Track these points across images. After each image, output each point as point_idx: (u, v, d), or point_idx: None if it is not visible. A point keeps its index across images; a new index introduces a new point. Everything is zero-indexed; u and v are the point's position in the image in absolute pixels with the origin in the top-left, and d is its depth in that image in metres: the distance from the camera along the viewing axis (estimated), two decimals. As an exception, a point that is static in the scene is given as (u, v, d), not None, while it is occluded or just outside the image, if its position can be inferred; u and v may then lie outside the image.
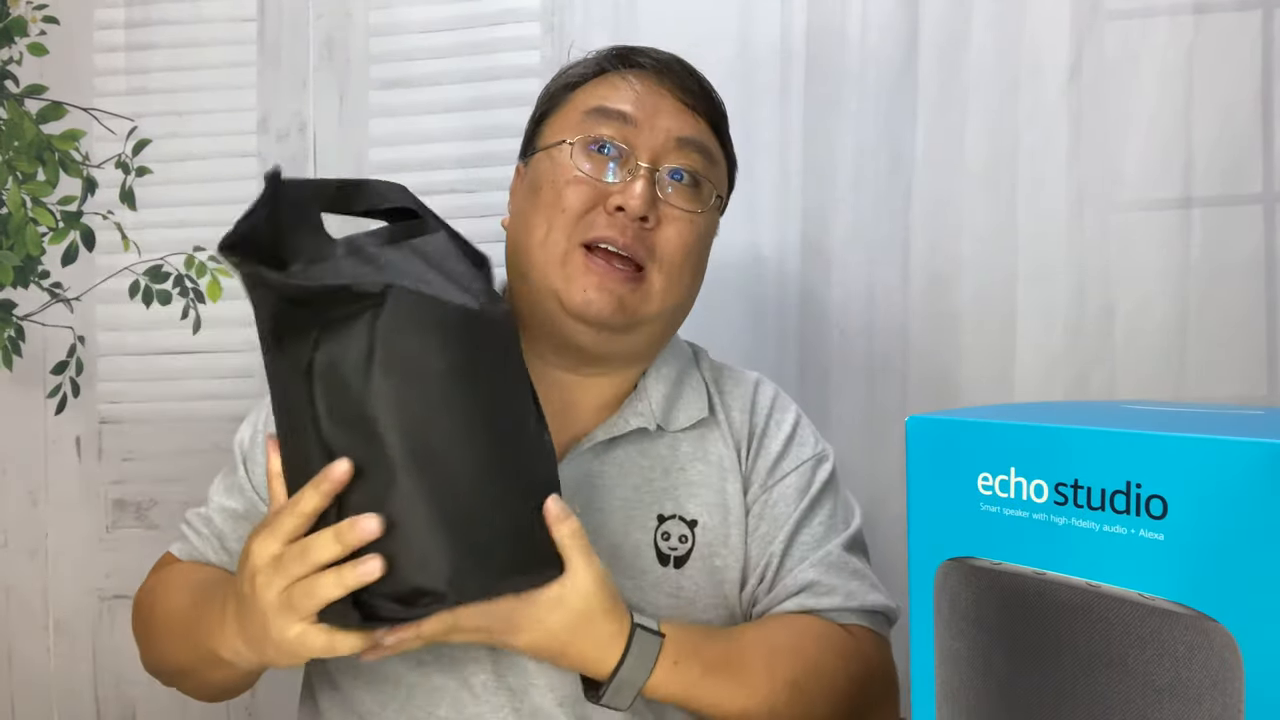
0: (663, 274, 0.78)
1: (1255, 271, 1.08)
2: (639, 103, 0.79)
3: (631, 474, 0.80)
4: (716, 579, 0.79)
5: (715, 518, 0.80)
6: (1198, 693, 0.41)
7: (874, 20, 1.15)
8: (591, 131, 0.78)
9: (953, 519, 0.49)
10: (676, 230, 0.78)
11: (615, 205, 0.76)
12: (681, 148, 0.79)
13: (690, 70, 0.83)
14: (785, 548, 0.79)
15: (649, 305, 0.78)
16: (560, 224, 0.77)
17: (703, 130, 0.81)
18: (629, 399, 0.82)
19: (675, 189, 0.79)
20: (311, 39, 1.26)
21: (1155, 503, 0.42)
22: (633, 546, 0.78)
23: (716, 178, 0.82)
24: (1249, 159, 1.08)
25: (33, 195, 1.29)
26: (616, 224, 0.76)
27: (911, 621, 0.51)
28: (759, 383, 0.87)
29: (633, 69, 0.81)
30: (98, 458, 1.28)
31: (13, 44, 1.29)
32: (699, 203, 0.80)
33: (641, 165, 0.77)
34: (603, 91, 0.80)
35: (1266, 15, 1.08)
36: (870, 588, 0.80)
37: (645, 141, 0.78)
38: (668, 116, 0.79)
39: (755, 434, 0.83)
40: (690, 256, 0.80)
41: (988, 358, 1.13)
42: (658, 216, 0.78)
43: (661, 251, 0.78)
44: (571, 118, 0.80)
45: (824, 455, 0.85)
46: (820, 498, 0.82)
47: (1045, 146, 1.12)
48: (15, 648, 1.31)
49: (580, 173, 0.77)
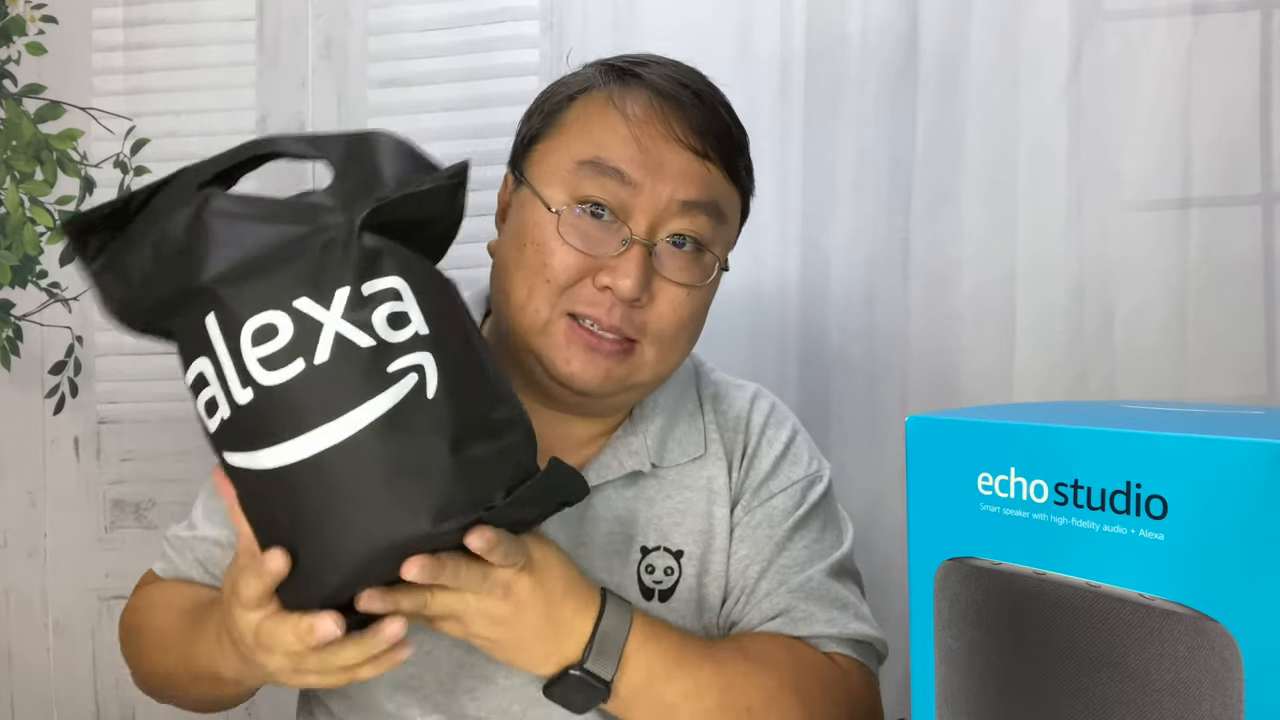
0: (655, 347, 0.72)
1: (1254, 271, 1.08)
2: (640, 155, 0.69)
3: (616, 505, 0.76)
4: (702, 611, 0.76)
5: (700, 545, 0.76)
6: (1197, 692, 0.41)
7: (874, 20, 1.15)
8: (581, 191, 0.70)
9: (953, 519, 0.49)
10: (671, 305, 0.71)
11: (603, 285, 0.69)
12: (686, 211, 0.71)
13: (700, 93, 0.73)
14: (763, 570, 0.75)
15: (640, 374, 0.72)
16: (543, 293, 0.70)
17: (713, 182, 0.72)
18: (621, 434, 0.77)
19: (673, 258, 0.71)
20: (310, 38, 1.26)
21: (1155, 503, 0.42)
22: (616, 584, 0.74)
23: (724, 238, 0.74)
24: (1248, 159, 1.08)
25: (31, 195, 1.29)
26: (603, 303, 0.69)
27: (911, 621, 0.51)
28: (756, 397, 0.82)
29: (632, 94, 0.72)
30: (96, 458, 1.28)
31: (11, 43, 1.29)
32: (700, 273, 0.72)
33: (636, 239, 0.69)
34: (600, 133, 0.71)
35: (1265, 16, 1.08)
36: (853, 617, 0.75)
37: (645, 205, 0.70)
38: (672, 175, 0.70)
39: (746, 452, 0.79)
40: (686, 328, 0.73)
41: (988, 358, 1.13)
42: (650, 294, 0.70)
43: (654, 328, 0.71)
44: (562, 162, 0.71)
45: (817, 476, 0.80)
46: (807, 520, 0.77)
47: (1045, 146, 1.12)
48: (14, 648, 1.30)
49: (567, 244, 0.70)
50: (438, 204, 0.63)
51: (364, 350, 0.56)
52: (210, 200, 0.59)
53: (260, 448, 0.57)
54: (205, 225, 0.58)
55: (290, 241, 0.57)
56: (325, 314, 0.56)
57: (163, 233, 0.59)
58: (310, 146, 0.65)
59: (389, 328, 0.57)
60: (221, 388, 0.57)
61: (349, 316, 0.56)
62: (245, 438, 0.57)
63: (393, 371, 0.56)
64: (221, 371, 0.57)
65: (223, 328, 0.57)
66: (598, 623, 0.65)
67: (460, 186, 0.64)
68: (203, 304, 0.57)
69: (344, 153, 0.62)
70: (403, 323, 0.58)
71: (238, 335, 0.56)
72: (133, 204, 0.62)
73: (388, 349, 0.57)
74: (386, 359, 0.56)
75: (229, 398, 0.57)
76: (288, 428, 0.56)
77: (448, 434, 0.57)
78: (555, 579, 0.64)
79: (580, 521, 0.75)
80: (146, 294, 0.60)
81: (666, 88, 0.72)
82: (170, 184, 0.63)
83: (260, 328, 0.56)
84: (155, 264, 0.59)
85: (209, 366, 0.58)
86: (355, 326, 0.56)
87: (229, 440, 0.58)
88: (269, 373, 0.56)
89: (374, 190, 0.60)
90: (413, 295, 0.59)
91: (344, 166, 0.62)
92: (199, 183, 0.62)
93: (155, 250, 0.59)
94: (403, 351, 0.57)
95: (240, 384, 0.56)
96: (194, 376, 0.59)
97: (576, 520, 0.75)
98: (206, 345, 0.57)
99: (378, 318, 0.57)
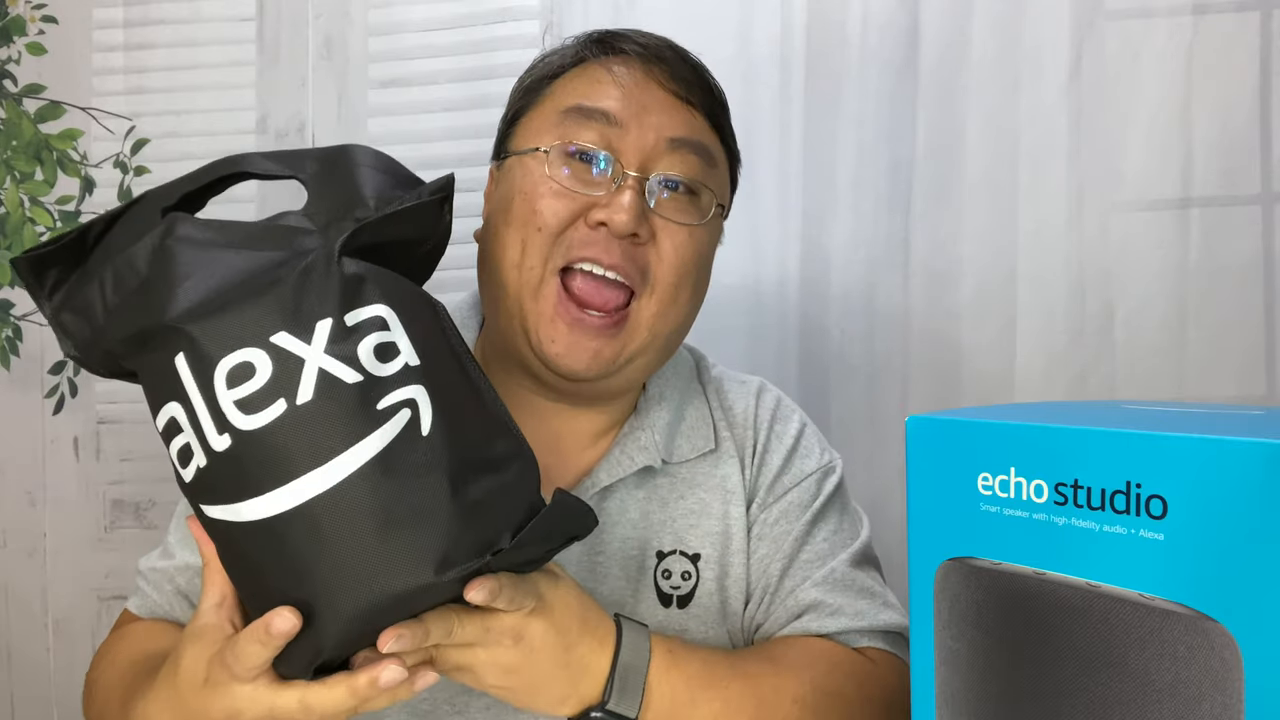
0: (654, 298, 0.69)
1: (1254, 271, 1.08)
2: (624, 99, 0.69)
3: (629, 508, 0.74)
4: (725, 614, 0.74)
5: (718, 548, 0.74)
6: (1197, 692, 0.41)
7: (874, 20, 1.15)
8: (569, 135, 0.68)
9: (953, 519, 0.49)
10: (673, 245, 0.69)
11: (598, 220, 0.67)
12: (675, 149, 0.69)
13: (683, 55, 0.73)
14: (785, 567, 0.73)
15: (635, 341, 0.70)
16: (536, 244, 0.67)
17: (699, 127, 0.71)
18: (628, 429, 0.75)
19: (669, 198, 0.69)
20: (310, 38, 1.26)
21: (1155, 503, 0.42)
22: (633, 592, 0.72)
23: (717, 182, 0.73)
24: (1248, 159, 1.08)
25: (30, 195, 1.29)
26: (600, 241, 0.67)
27: (912, 621, 0.51)
28: (761, 391, 0.81)
29: (616, 56, 0.71)
30: (96, 458, 1.28)
31: (11, 43, 1.29)
32: (697, 213, 0.70)
33: (629, 173, 0.67)
34: (582, 86, 0.70)
35: (1265, 16, 1.08)
36: (881, 606, 0.73)
37: (633, 144, 0.68)
38: (658, 114, 0.69)
39: (757, 448, 0.77)
40: (689, 275, 0.70)
41: (988, 358, 1.13)
42: (650, 230, 0.68)
43: (655, 271, 0.69)
44: (547, 118, 0.71)
45: (830, 467, 0.79)
46: (824, 512, 0.76)
47: (1045, 146, 1.12)
48: (14, 648, 1.30)
49: (557, 183, 0.67)
50: (422, 222, 0.59)
51: (350, 387, 0.51)
52: (175, 227, 0.55)
53: (242, 499, 0.52)
54: (170, 255, 0.53)
55: (264, 270, 0.53)
56: (306, 349, 0.51)
57: (125, 264, 0.54)
58: (282, 165, 0.60)
59: (376, 360, 0.53)
60: (196, 434, 0.52)
61: (332, 350, 0.52)
62: (225, 489, 0.52)
63: (383, 408, 0.52)
64: (195, 417, 0.52)
65: (194, 368, 0.52)
66: (616, 656, 0.62)
67: (445, 202, 0.60)
68: (171, 342, 0.52)
69: (318, 170, 0.58)
70: (391, 354, 0.53)
71: (211, 376, 0.51)
72: (91, 234, 0.57)
73: (376, 384, 0.52)
74: (375, 395, 0.52)
75: (205, 445, 0.52)
76: (271, 476, 0.51)
77: (446, 473, 0.53)
78: (570, 616, 0.60)
79: (596, 529, 0.72)
80: (109, 332, 0.55)
81: (647, 49, 0.72)
82: (131, 210, 0.58)
83: (236, 367, 0.51)
84: (118, 298, 0.54)
85: (181, 411, 0.53)
86: (340, 361, 0.52)
87: (207, 492, 0.54)
88: (247, 416, 0.51)
89: (353, 209, 0.56)
90: (400, 323, 0.54)
91: (319, 185, 0.58)
92: (163, 208, 0.57)
93: (117, 283, 0.54)
94: (393, 386, 0.53)
95: (216, 430, 0.51)
96: (165, 422, 0.54)
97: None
98: (177, 388, 0.52)
99: (364, 350, 0.52)
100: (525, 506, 0.56)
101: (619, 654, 0.62)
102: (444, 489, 0.52)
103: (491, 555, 0.53)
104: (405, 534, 0.51)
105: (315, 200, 0.57)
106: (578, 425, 0.75)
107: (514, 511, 0.55)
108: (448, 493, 0.52)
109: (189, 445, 0.53)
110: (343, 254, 0.54)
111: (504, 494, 0.55)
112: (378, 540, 0.51)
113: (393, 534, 0.51)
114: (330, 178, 0.58)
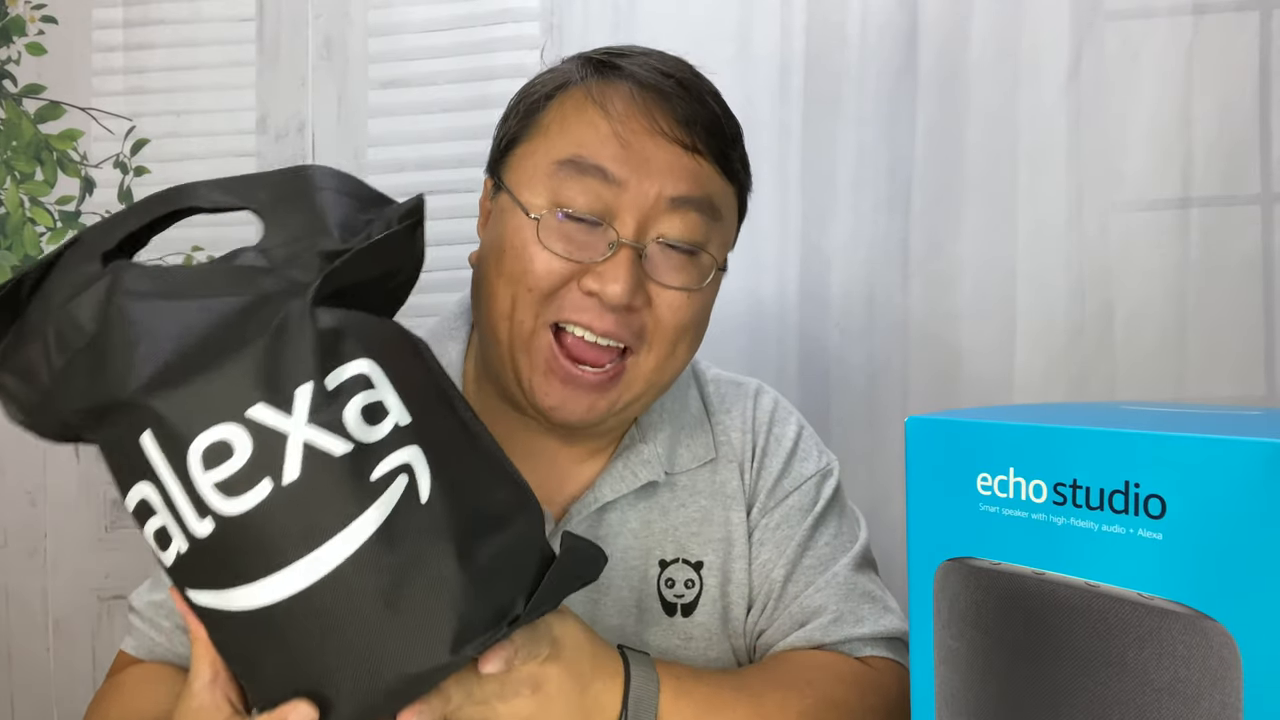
0: (652, 355, 0.67)
1: (1253, 271, 1.08)
2: (623, 151, 0.64)
3: (630, 519, 0.73)
4: (728, 620, 0.74)
5: (720, 554, 0.74)
6: (1196, 691, 0.41)
7: (874, 21, 1.15)
8: (562, 196, 0.65)
9: (952, 519, 0.49)
10: (670, 310, 0.66)
11: (589, 290, 0.64)
12: (677, 209, 0.65)
13: (685, 81, 0.68)
14: (788, 573, 0.73)
15: (631, 390, 0.68)
16: (526, 301, 0.65)
17: (705, 177, 0.66)
18: (629, 442, 0.74)
19: (667, 260, 0.66)
20: (310, 39, 1.26)
21: (1153, 502, 0.42)
22: (636, 601, 0.72)
23: (721, 235, 0.69)
24: (1247, 159, 1.08)
25: (31, 195, 1.29)
26: (592, 308, 0.64)
27: (911, 622, 0.51)
28: (758, 394, 0.80)
29: (615, 87, 0.67)
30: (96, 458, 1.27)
31: (11, 43, 1.29)
32: (697, 274, 0.67)
33: (624, 242, 0.64)
34: (577, 131, 0.66)
35: (1265, 16, 1.08)
36: (882, 610, 0.73)
37: (630, 203, 0.64)
38: (659, 171, 0.65)
39: (756, 451, 0.77)
40: (686, 333, 0.68)
41: (988, 358, 1.13)
42: (645, 298, 0.66)
43: (651, 333, 0.67)
44: (541, 164, 0.66)
45: (828, 470, 0.78)
46: (825, 516, 0.76)
47: (1045, 146, 1.12)
48: (15, 648, 1.30)
49: (548, 250, 0.65)
50: (395, 254, 0.53)
51: (340, 459, 0.47)
52: (121, 278, 0.49)
53: (232, 586, 0.47)
54: (119, 314, 0.47)
55: (227, 323, 0.47)
56: (287, 421, 0.46)
57: (67, 321, 0.48)
58: (231, 195, 0.54)
59: (365, 424, 0.48)
60: (173, 518, 0.47)
61: (316, 419, 0.46)
62: (211, 575, 0.48)
63: (377, 479, 0.47)
64: (170, 500, 0.47)
65: (164, 448, 0.46)
66: (626, 691, 0.61)
67: (417, 227, 0.54)
68: (134, 420, 0.47)
69: (274, 198, 0.53)
70: (379, 415, 0.48)
71: (184, 456, 0.46)
72: (25, 284, 0.51)
73: (367, 452, 0.47)
74: (368, 465, 0.47)
75: (184, 530, 0.47)
76: (263, 564, 0.47)
77: (452, 541, 0.49)
78: (581, 656, 0.59)
79: (598, 542, 0.72)
80: (59, 400, 0.49)
81: (648, 79, 0.66)
82: (67, 255, 0.52)
83: (212, 447, 0.46)
84: (63, 359, 0.48)
85: (154, 492, 0.48)
86: (325, 431, 0.47)
87: (191, 577, 0.49)
88: (230, 500, 0.46)
89: (316, 241, 0.51)
90: (385, 377, 0.49)
91: (276, 215, 0.52)
92: (103, 251, 0.51)
93: (61, 343, 0.48)
94: (385, 451, 0.48)
95: (196, 514, 0.47)
96: (136, 503, 0.49)
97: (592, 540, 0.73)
98: (146, 468, 0.47)
99: (350, 415, 0.47)
100: (535, 560, 0.53)
101: (629, 688, 0.61)
102: (451, 559, 0.48)
103: (509, 626, 0.50)
104: (415, 613, 0.48)
105: (273, 233, 0.51)
106: (572, 444, 0.74)
107: (525, 568, 0.52)
108: (455, 564, 0.48)
109: (166, 529, 0.48)
110: (315, 304, 0.48)
111: (513, 552, 0.52)
112: (386, 623, 0.47)
113: (402, 615, 0.47)
114: (288, 206, 0.52)
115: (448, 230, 1.00)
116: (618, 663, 0.62)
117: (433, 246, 1.34)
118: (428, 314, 0.84)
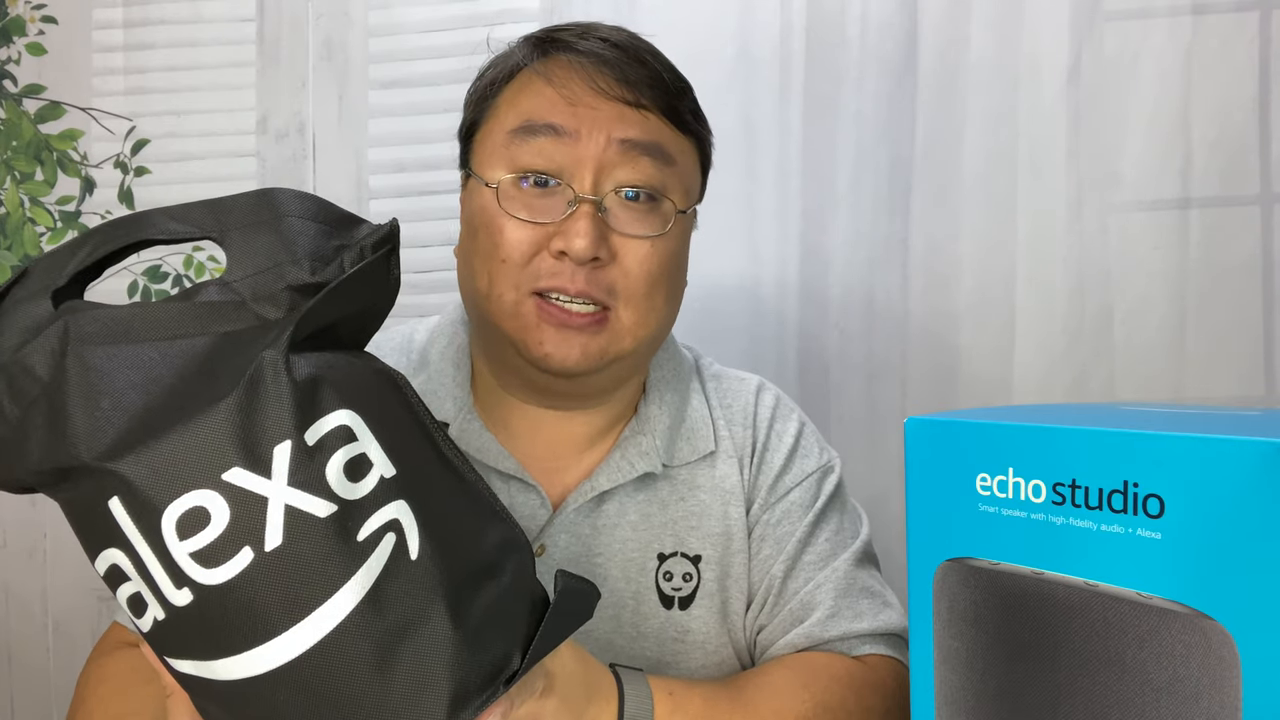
0: (630, 309, 0.68)
1: (1252, 272, 1.08)
2: (569, 109, 0.67)
3: (629, 510, 0.74)
4: (726, 614, 0.74)
5: (719, 549, 0.74)
6: (1195, 691, 0.41)
7: (874, 20, 1.15)
8: (517, 161, 0.67)
9: (951, 519, 0.49)
10: (636, 260, 0.68)
11: (558, 250, 0.66)
12: (628, 153, 0.67)
13: (622, 45, 0.70)
14: (788, 569, 0.74)
15: (620, 343, 0.69)
16: (503, 274, 0.67)
17: (652, 126, 0.69)
18: (629, 433, 0.75)
19: (627, 212, 0.68)
20: (311, 39, 1.26)
21: (1152, 502, 0.42)
22: (634, 593, 0.72)
23: (679, 181, 0.70)
24: (1247, 160, 1.08)
25: (31, 195, 1.29)
26: (564, 270, 0.66)
27: (911, 621, 0.51)
28: (760, 390, 0.80)
29: (557, 60, 0.69)
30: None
31: (11, 44, 1.29)
32: (659, 221, 0.69)
33: (582, 196, 0.66)
34: (525, 101, 0.69)
35: (1264, 16, 1.08)
36: (881, 606, 0.74)
37: (584, 156, 0.66)
38: (607, 120, 0.67)
39: (756, 448, 0.77)
40: (659, 283, 0.69)
41: (987, 358, 1.14)
42: (610, 251, 0.67)
43: (623, 287, 0.68)
44: (496, 140, 0.69)
45: (829, 466, 0.79)
46: (826, 512, 0.76)
47: (1044, 147, 1.12)
48: (14, 648, 1.30)
49: (513, 217, 0.67)
50: (369, 288, 0.50)
51: (324, 521, 0.44)
52: (73, 325, 0.46)
53: (214, 658, 0.45)
54: (77, 365, 0.44)
55: (197, 375, 0.45)
56: (267, 485, 0.43)
57: (19, 370, 0.45)
58: (190, 225, 0.51)
59: (348, 481, 0.45)
60: (149, 586, 0.45)
61: (297, 480, 0.43)
62: (192, 646, 0.45)
63: (364, 539, 0.45)
64: (145, 568, 0.44)
65: (134, 516, 0.43)
66: (621, 711, 0.61)
67: (392, 254, 0.52)
68: (100, 485, 0.44)
69: (237, 225, 0.50)
70: (363, 469, 0.46)
71: (158, 525, 0.43)
72: None
73: (352, 510, 0.45)
74: (354, 525, 0.45)
75: (160, 599, 0.44)
76: (247, 636, 0.44)
77: (444, 599, 0.46)
78: (575, 684, 0.58)
79: (595, 532, 0.73)
80: (16, 456, 0.46)
81: (587, 48, 0.69)
82: (14, 293, 0.49)
83: (186, 514, 0.43)
84: (18, 410, 0.45)
85: (125, 560, 0.45)
86: (307, 492, 0.44)
87: (171, 646, 0.46)
88: (209, 570, 0.43)
89: (285, 272, 0.48)
90: (366, 427, 0.46)
91: (239, 245, 0.49)
92: (53, 289, 0.48)
93: (14, 392, 0.45)
94: (371, 508, 0.45)
95: (173, 584, 0.44)
96: (106, 568, 0.46)
97: (590, 531, 0.73)
98: (116, 535, 0.44)
99: (332, 472, 0.44)
100: (527, 606, 0.51)
101: (624, 708, 0.61)
102: (444, 619, 0.46)
103: (506, 685, 0.48)
104: (410, 678, 0.45)
105: (237, 264, 0.48)
106: (575, 429, 0.75)
107: (518, 616, 0.50)
108: (449, 623, 0.46)
109: (141, 595, 0.45)
110: (290, 352, 0.45)
111: (505, 600, 0.50)
112: (380, 690, 0.45)
113: (396, 680, 0.45)
114: (252, 235, 0.49)
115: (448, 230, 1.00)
116: (611, 683, 0.62)
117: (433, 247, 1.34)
118: (429, 313, 0.85)
